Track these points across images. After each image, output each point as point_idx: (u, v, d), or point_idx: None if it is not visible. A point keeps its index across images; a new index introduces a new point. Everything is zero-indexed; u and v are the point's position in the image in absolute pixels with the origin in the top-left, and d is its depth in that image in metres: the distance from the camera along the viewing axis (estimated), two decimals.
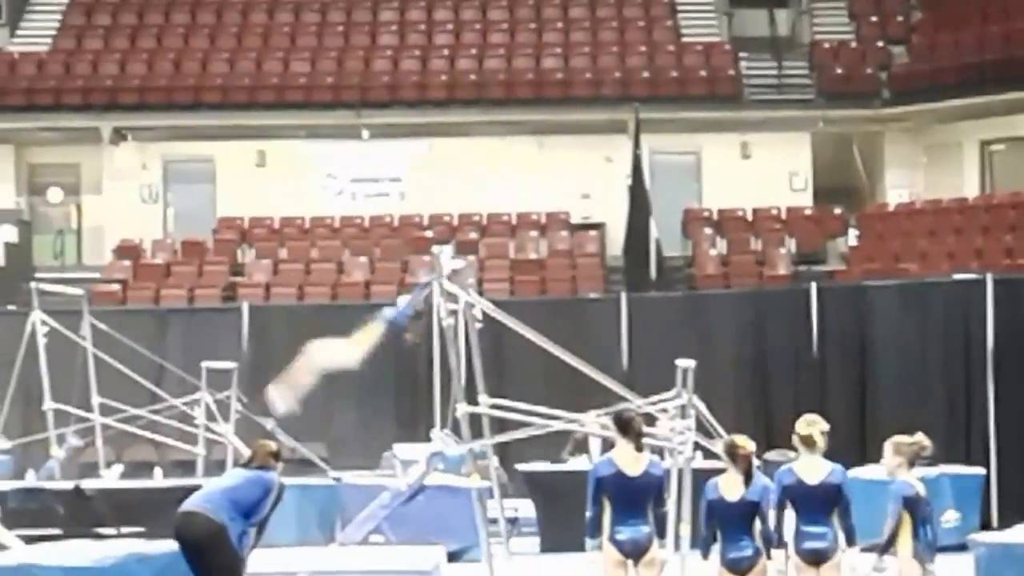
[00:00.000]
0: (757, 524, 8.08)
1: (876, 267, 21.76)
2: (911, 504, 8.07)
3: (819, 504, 8.03)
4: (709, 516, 8.12)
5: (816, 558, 8.05)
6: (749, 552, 8.03)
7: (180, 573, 8.38)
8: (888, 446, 8.27)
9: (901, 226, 24.05)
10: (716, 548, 8.21)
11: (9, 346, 15.77)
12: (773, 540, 8.08)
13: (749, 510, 8.05)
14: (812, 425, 8.19)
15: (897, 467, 8.15)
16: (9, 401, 15.25)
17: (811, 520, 8.02)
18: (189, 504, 8.60)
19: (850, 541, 8.12)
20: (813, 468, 8.09)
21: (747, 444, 8.16)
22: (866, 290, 17.23)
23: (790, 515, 8.17)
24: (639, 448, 8.21)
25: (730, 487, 8.08)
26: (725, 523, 8.07)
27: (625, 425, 8.21)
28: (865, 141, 26.63)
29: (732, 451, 8.12)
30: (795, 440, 8.23)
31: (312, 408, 17.69)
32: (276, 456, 8.93)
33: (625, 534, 8.05)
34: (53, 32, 27.81)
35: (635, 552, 8.06)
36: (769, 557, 8.08)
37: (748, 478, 8.08)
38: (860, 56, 26.70)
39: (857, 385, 16.35)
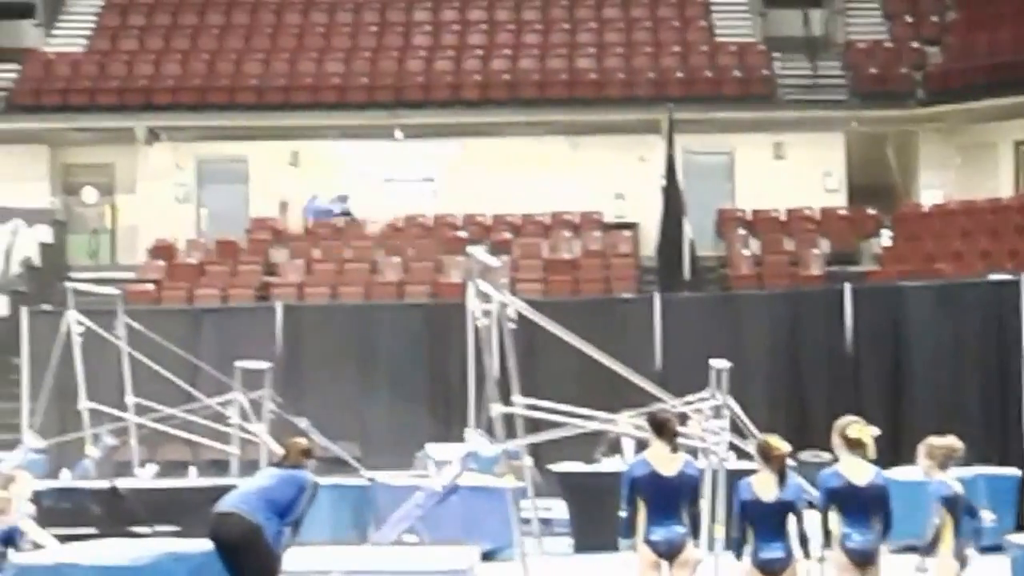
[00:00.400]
0: (791, 525, 8.04)
1: (910, 268, 21.63)
2: (950, 504, 8.07)
3: (866, 506, 8.01)
4: (743, 516, 8.08)
5: (864, 559, 8.02)
6: (782, 553, 7.99)
7: (214, 572, 8.40)
8: (921, 448, 8.28)
9: (935, 226, 23.91)
10: (748, 549, 8.16)
11: (45, 345, 15.89)
12: (809, 541, 8.05)
13: (783, 511, 8.01)
14: (864, 429, 8.15)
15: (929, 469, 8.15)
16: (45, 400, 15.36)
17: (858, 522, 8.00)
18: (225, 505, 8.63)
19: (884, 541, 8.12)
20: (860, 470, 8.05)
21: (781, 445, 8.12)
22: (900, 291, 17.14)
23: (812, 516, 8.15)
24: (675, 449, 8.19)
25: (764, 487, 8.04)
26: (759, 523, 8.02)
27: (661, 426, 8.21)
28: (899, 141, 26.49)
29: (766, 452, 8.09)
30: (839, 443, 8.16)
31: (346, 408, 17.84)
32: (308, 454, 8.95)
33: (660, 535, 8.04)
34: (88, 33, 27.98)
35: (670, 553, 8.06)
36: (807, 557, 8.05)
37: (782, 479, 8.04)
38: (894, 56, 26.56)
39: (891, 386, 16.27)
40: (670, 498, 8.07)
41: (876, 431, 8.23)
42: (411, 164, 25.88)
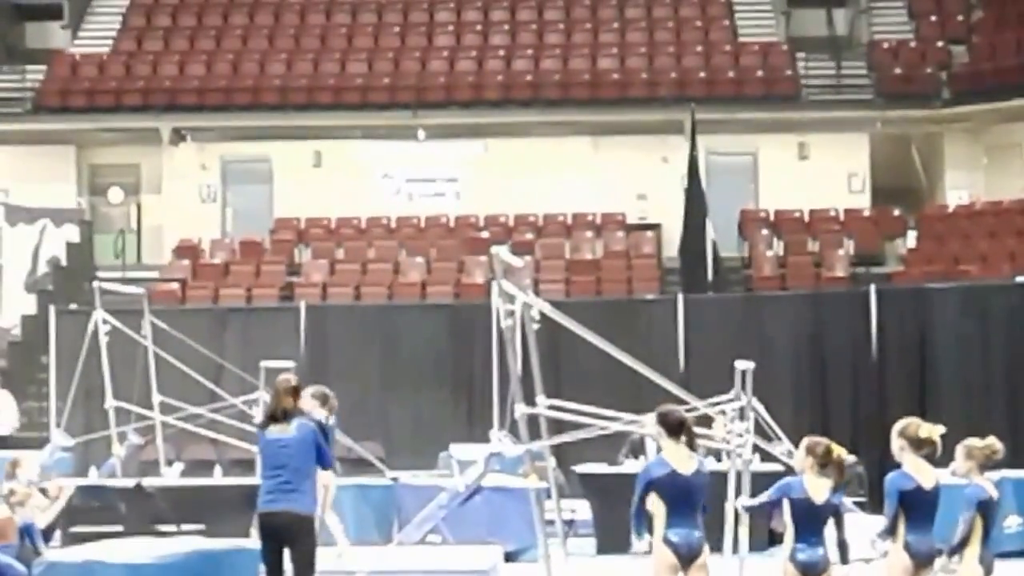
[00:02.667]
0: (830, 529, 7.98)
1: (936, 269, 21.54)
2: (985, 507, 8.01)
3: (932, 508, 7.93)
4: (791, 514, 8.01)
5: (928, 562, 7.96)
6: (822, 555, 7.96)
7: (239, 570, 8.46)
8: (960, 450, 8.20)
9: (961, 228, 23.81)
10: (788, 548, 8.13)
11: (72, 345, 15.99)
12: (848, 548, 7.99)
13: (830, 514, 7.97)
14: (932, 428, 8.09)
15: (968, 471, 8.07)
16: (72, 399, 15.44)
17: (923, 524, 7.90)
18: (275, 503, 8.65)
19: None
20: (927, 472, 7.97)
21: (843, 453, 8.08)
22: (926, 292, 17.09)
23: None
24: (693, 447, 8.13)
25: (816, 489, 7.97)
26: (803, 524, 7.96)
27: (675, 425, 8.12)
28: (924, 142, 26.39)
29: (828, 457, 8.02)
30: (904, 444, 8.00)
31: (369, 408, 17.89)
32: (297, 392, 8.94)
33: (679, 536, 7.96)
34: (114, 34, 28.12)
35: (689, 555, 7.97)
36: (845, 562, 8.00)
37: (836, 484, 7.98)
38: (919, 56, 26.46)
39: (917, 388, 16.22)
40: (689, 497, 7.98)
41: (942, 429, 8.10)
42: (433, 164, 25.91)
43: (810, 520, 7.94)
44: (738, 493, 10.26)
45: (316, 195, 25.41)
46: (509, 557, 12.60)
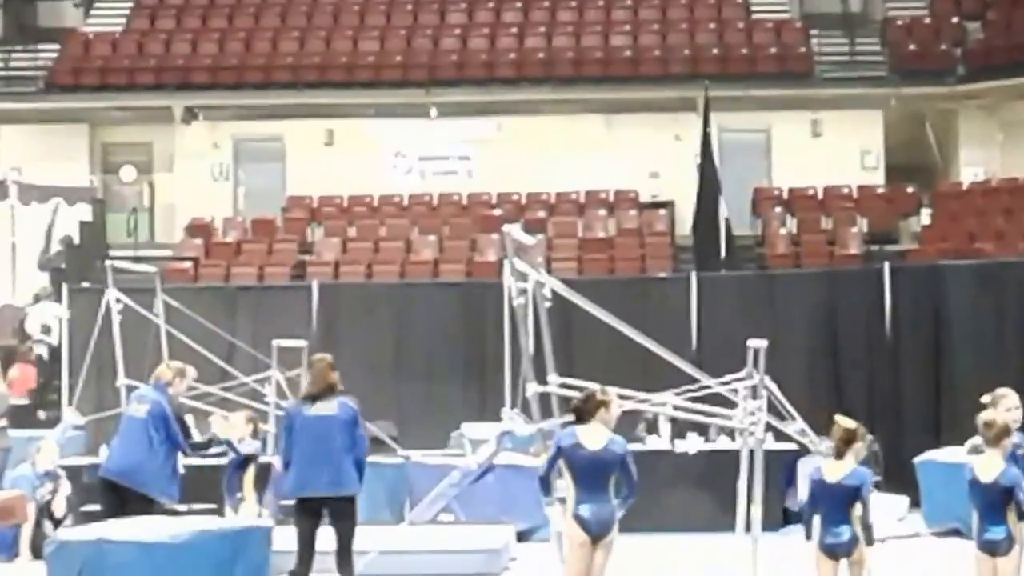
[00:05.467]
0: (857, 510, 8.00)
1: (950, 247, 21.43)
2: None
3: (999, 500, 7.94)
4: (811, 498, 8.10)
5: (995, 550, 7.98)
6: (847, 537, 7.97)
7: (253, 548, 8.45)
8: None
9: (976, 205, 23.70)
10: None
11: (85, 323, 16.00)
12: (872, 529, 7.99)
13: (849, 495, 7.97)
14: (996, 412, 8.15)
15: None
16: (84, 377, 15.47)
17: (991, 517, 7.95)
18: (319, 482, 8.69)
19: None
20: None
21: (861, 430, 8.15)
22: (940, 270, 17.00)
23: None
24: (607, 423, 8.23)
25: (833, 470, 8.03)
26: (824, 507, 8.02)
27: (579, 413, 8.27)
28: (939, 119, 26.24)
29: (849, 437, 8.05)
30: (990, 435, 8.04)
31: (381, 387, 17.87)
32: (334, 367, 9.00)
33: (588, 512, 8.05)
34: (126, 13, 28.10)
35: (599, 531, 8.06)
36: (869, 544, 8.01)
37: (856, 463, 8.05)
38: (934, 32, 26.29)
39: (931, 367, 16.14)
40: (596, 473, 8.09)
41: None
42: (446, 142, 25.86)
43: (828, 502, 7.96)
44: (751, 472, 10.22)
45: (328, 173, 25.38)
46: (521, 536, 12.60)
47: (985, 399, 8.61)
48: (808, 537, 8.22)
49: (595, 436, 8.13)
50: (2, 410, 13.64)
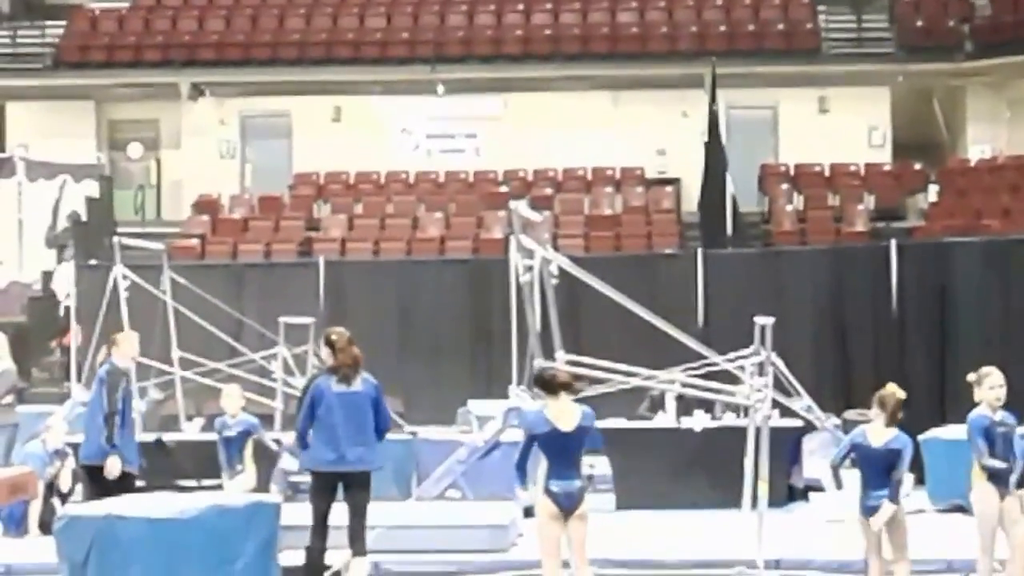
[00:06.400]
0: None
1: (957, 224, 21.41)
2: None
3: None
4: (853, 461, 8.44)
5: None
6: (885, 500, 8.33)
7: (263, 523, 8.49)
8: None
9: (983, 182, 23.65)
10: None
11: (92, 300, 16.03)
12: (900, 486, 8.35)
13: (892, 460, 8.34)
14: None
15: None
16: (92, 354, 15.50)
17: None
18: (346, 458, 8.80)
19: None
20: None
21: (898, 392, 8.51)
22: (947, 247, 16.97)
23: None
24: (575, 391, 8.40)
25: (875, 434, 8.37)
26: (866, 470, 8.34)
27: (551, 385, 8.33)
28: (946, 95, 26.18)
29: (883, 399, 8.41)
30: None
31: (388, 363, 17.88)
32: (352, 341, 9.06)
33: (560, 487, 8.22)
34: None
35: (569, 505, 8.23)
36: (893, 500, 8.32)
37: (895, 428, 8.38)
38: (941, 8, 26.20)
39: (937, 344, 16.12)
40: (568, 451, 8.26)
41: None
42: (452, 119, 25.83)
43: (869, 466, 8.34)
44: (757, 449, 10.25)
45: (335, 150, 25.38)
46: (528, 512, 12.62)
47: (971, 378, 8.73)
48: (839, 487, 8.61)
49: (566, 415, 8.26)
50: (8, 386, 13.67)
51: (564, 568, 8.32)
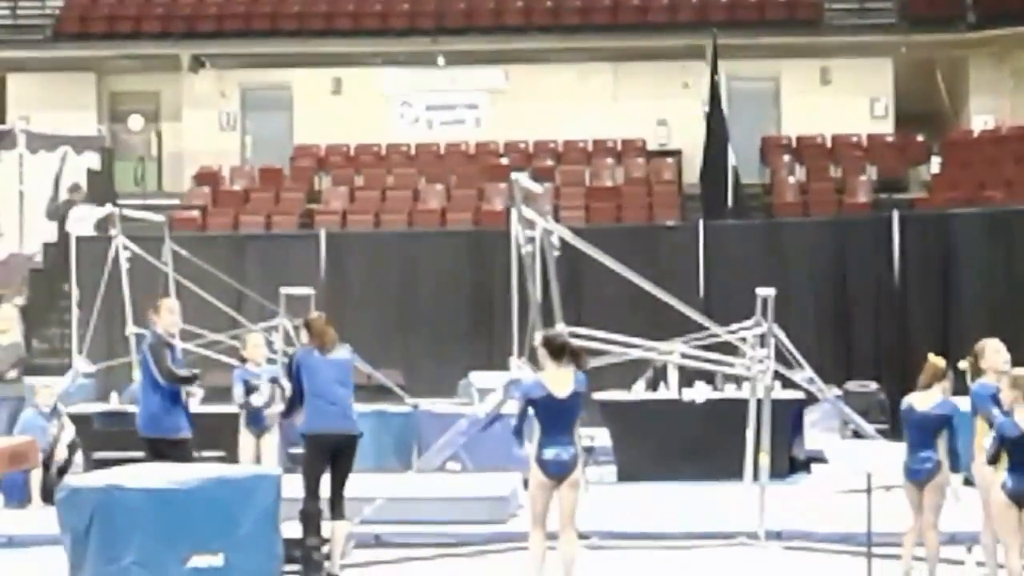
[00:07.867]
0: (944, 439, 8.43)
1: (960, 195, 21.35)
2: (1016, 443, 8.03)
3: None
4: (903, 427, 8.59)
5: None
6: (930, 464, 8.43)
7: (263, 495, 8.50)
8: (1005, 380, 8.28)
9: (986, 153, 23.58)
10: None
11: (93, 271, 16.03)
12: (957, 457, 8.44)
13: (937, 424, 8.42)
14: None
15: (1013, 401, 8.07)
16: (93, 325, 15.52)
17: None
18: (340, 423, 8.97)
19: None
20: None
21: (939, 361, 8.71)
22: (949, 218, 16.96)
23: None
24: (581, 366, 8.39)
25: (919, 399, 8.51)
26: (909, 433, 8.48)
27: (557, 349, 8.38)
28: (949, 66, 26.08)
29: (943, 375, 8.59)
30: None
31: (389, 335, 17.92)
32: (330, 321, 9.26)
33: (551, 455, 8.26)
34: None
35: (560, 473, 8.27)
36: (954, 470, 8.45)
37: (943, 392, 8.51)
38: None
39: (940, 315, 16.14)
40: (561, 418, 8.30)
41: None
42: (453, 91, 25.76)
43: (916, 431, 8.46)
44: (758, 420, 10.26)
45: (336, 122, 25.32)
46: (528, 484, 12.64)
47: (962, 365, 8.78)
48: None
49: (562, 382, 8.27)
50: (14, 360, 13.69)
51: (550, 539, 8.31)
